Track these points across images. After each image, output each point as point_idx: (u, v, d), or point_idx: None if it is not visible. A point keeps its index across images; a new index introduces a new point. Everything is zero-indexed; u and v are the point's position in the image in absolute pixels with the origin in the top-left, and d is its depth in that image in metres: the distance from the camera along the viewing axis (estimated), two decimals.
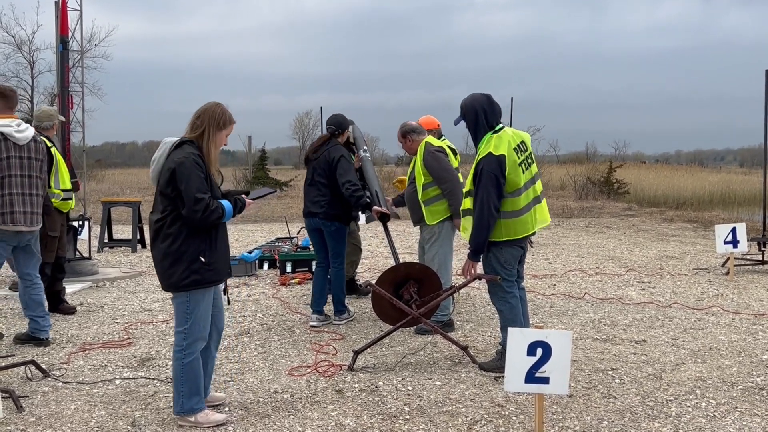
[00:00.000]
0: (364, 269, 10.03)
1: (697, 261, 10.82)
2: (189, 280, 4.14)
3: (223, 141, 4.31)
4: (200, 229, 4.15)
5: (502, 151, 5.14)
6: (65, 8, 9.96)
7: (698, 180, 27.07)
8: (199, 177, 4.11)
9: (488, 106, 5.30)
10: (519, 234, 5.24)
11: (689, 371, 5.37)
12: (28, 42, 35.65)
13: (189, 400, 4.28)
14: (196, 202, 4.04)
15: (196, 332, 4.26)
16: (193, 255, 4.14)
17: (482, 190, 5.13)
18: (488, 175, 5.11)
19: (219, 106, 4.29)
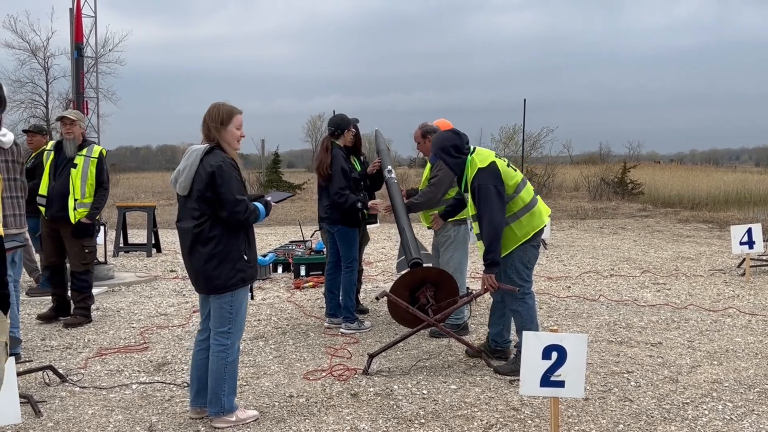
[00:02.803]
0: (377, 272, 10.04)
1: (712, 262, 10.75)
2: (236, 279, 4.26)
3: (235, 135, 4.35)
4: (240, 229, 4.29)
5: (490, 160, 5.33)
6: (80, 15, 10.05)
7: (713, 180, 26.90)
8: (237, 179, 4.25)
9: (457, 140, 5.46)
10: (538, 225, 5.39)
11: (705, 373, 5.34)
12: (42, 48, 35.88)
13: (230, 399, 4.39)
14: (237, 204, 4.17)
15: (239, 330, 4.40)
16: (237, 254, 4.26)
17: (485, 206, 5.21)
18: (486, 189, 5.22)
19: (215, 105, 4.32)
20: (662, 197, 22.89)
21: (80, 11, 10.08)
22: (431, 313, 5.66)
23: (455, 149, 5.43)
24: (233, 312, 4.34)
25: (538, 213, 5.42)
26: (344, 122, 6.86)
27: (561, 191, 25.68)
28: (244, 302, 4.39)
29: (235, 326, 4.37)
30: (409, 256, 6.02)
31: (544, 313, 7.37)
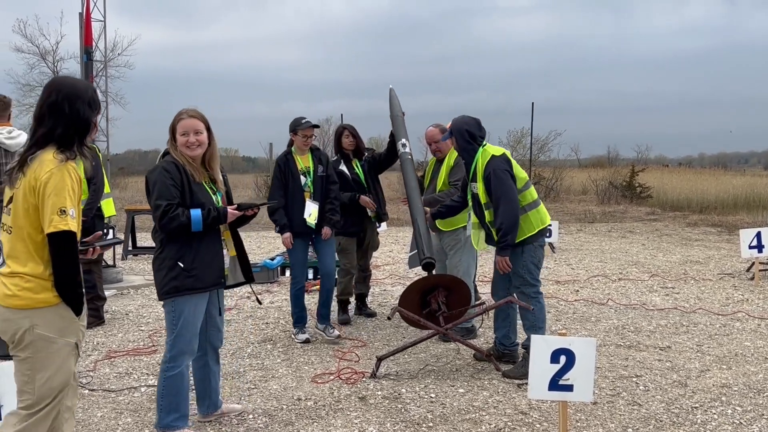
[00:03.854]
0: (385, 275, 10.04)
1: (721, 266, 10.71)
2: (169, 287, 4.06)
3: (180, 141, 4.09)
4: (173, 235, 4.05)
5: (503, 151, 5.51)
6: (89, 19, 10.10)
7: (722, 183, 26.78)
8: (165, 184, 4.02)
9: (477, 128, 5.59)
10: (545, 222, 5.52)
11: (714, 378, 5.32)
12: (52, 52, 35.92)
13: (167, 416, 4.16)
14: (156, 209, 4.01)
15: (180, 344, 4.13)
16: (171, 261, 4.07)
17: (502, 189, 5.31)
18: (501, 173, 5.34)
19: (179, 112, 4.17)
20: (671, 201, 22.78)
21: (89, 15, 10.14)
22: (442, 320, 5.64)
23: (470, 135, 5.53)
24: (176, 322, 4.11)
25: (544, 211, 5.55)
26: (292, 125, 6.34)
27: (569, 195, 25.61)
28: (184, 314, 4.10)
29: (178, 339, 4.12)
30: (421, 254, 5.88)
31: (552, 316, 7.35)
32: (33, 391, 3.06)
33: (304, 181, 6.26)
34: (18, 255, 3.01)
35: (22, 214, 3.00)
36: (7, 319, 3.02)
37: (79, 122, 3.07)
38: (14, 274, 3.00)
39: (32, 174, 2.99)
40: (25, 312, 2.99)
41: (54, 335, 3.04)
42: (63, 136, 3.03)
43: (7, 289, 3.00)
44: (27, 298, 2.99)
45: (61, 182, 2.96)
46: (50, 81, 3.20)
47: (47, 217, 2.95)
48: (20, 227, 3.01)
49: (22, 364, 3.07)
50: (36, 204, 2.98)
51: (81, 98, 3.08)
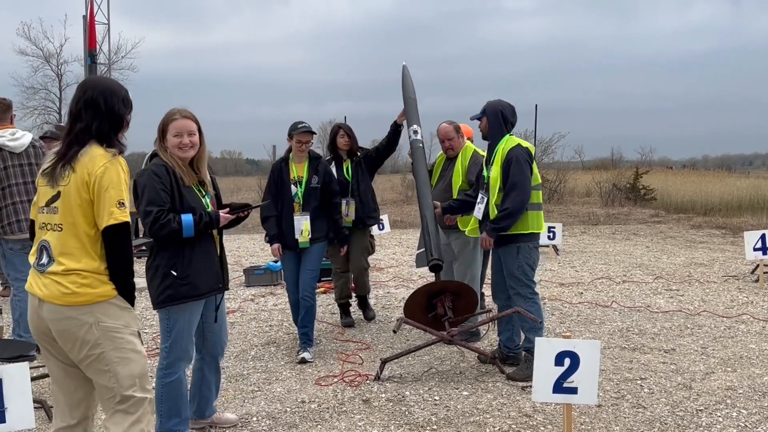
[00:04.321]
0: (388, 277, 10.03)
1: (726, 268, 10.69)
2: (163, 296, 3.99)
3: (172, 143, 3.98)
4: (165, 242, 3.97)
5: (528, 145, 5.49)
6: (93, 22, 10.13)
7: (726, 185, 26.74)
8: (155, 188, 3.90)
9: (511, 113, 5.58)
10: (541, 227, 5.53)
11: (719, 380, 5.30)
12: (56, 55, 36.13)
13: (168, 421, 4.13)
14: (146, 215, 3.90)
15: (176, 351, 4.07)
16: (164, 270, 3.99)
17: (520, 174, 5.33)
18: (522, 161, 5.35)
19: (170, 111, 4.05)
20: (675, 203, 22.73)
21: (93, 18, 10.17)
22: (448, 325, 5.60)
23: (503, 117, 5.53)
24: (169, 329, 4.05)
25: (542, 218, 5.56)
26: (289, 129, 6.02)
27: (573, 197, 25.56)
28: (179, 322, 4.04)
29: (173, 346, 4.06)
30: (429, 255, 5.69)
31: (556, 319, 7.34)
32: (118, 384, 3.09)
33: (294, 191, 5.91)
34: (72, 251, 3.02)
35: (76, 210, 3.01)
36: (68, 317, 3.01)
37: (114, 118, 3.12)
38: (70, 272, 3.00)
39: (84, 169, 3.00)
40: (87, 308, 3.01)
41: (119, 326, 3.08)
42: (100, 131, 3.07)
43: (65, 287, 3.00)
44: (87, 294, 3.01)
45: (116, 175, 3.02)
46: (85, 80, 3.29)
47: (106, 209, 2.99)
48: (73, 224, 3.02)
49: (98, 362, 3.07)
50: (89, 199, 3.00)
51: (116, 95, 3.14)
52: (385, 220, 14.30)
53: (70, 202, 3.02)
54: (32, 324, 3.16)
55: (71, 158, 3.03)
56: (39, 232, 3.15)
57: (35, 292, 3.08)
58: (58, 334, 3.06)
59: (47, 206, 3.09)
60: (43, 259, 3.08)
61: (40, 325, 3.12)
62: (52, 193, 3.08)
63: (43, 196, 3.12)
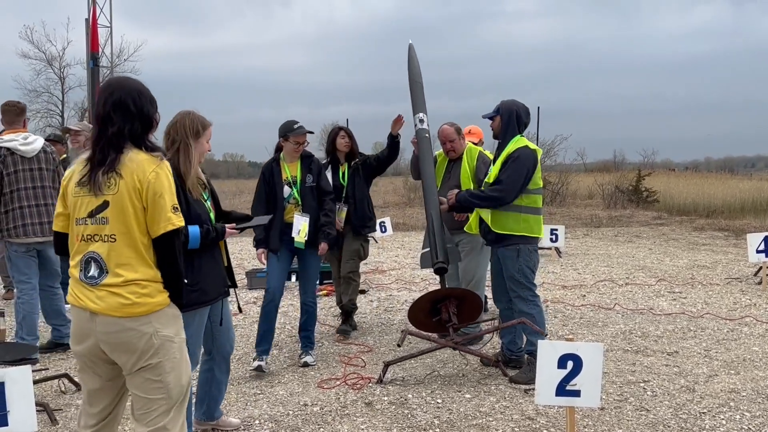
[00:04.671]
0: (390, 280, 10.03)
1: (728, 270, 10.67)
2: None
3: (205, 148, 4.00)
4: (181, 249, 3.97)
5: (536, 149, 5.49)
6: (95, 25, 10.15)
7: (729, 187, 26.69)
8: None
9: (526, 114, 5.59)
10: (540, 233, 5.54)
11: (722, 383, 5.29)
12: (58, 58, 36.32)
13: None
14: None
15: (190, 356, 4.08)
16: None
17: (514, 173, 5.31)
18: (523, 163, 5.34)
19: (189, 114, 3.98)
20: (677, 205, 22.68)
21: (96, 22, 10.18)
22: (451, 330, 5.56)
23: (517, 117, 5.50)
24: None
25: (541, 224, 5.56)
26: (282, 129, 5.78)
27: (575, 199, 25.54)
28: (190, 328, 3.88)
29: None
30: (434, 258, 5.56)
31: (558, 321, 7.33)
32: (167, 395, 3.03)
33: (288, 192, 5.70)
34: (128, 261, 2.92)
35: (130, 218, 2.91)
36: (128, 329, 2.92)
37: (144, 119, 3.03)
38: (129, 282, 2.91)
39: (133, 176, 2.91)
40: (146, 318, 2.94)
41: (172, 334, 3.03)
42: (133, 133, 2.98)
43: (125, 298, 2.91)
44: (147, 304, 2.94)
45: (167, 180, 2.96)
46: (108, 81, 3.15)
47: (163, 215, 2.92)
48: (127, 233, 2.92)
49: (151, 372, 2.99)
50: (142, 206, 2.92)
51: (143, 95, 3.05)
52: (387, 222, 14.30)
53: (123, 211, 2.91)
54: (77, 339, 3.03)
55: (113, 164, 2.91)
56: (82, 245, 2.98)
57: (86, 305, 2.95)
58: (113, 347, 2.96)
59: (91, 216, 2.95)
60: (92, 272, 2.95)
61: (88, 340, 2.99)
62: (96, 203, 2.94)
63: (83, 207, 2.97)
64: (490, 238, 5.57)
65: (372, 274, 10.61)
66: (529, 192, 5.42)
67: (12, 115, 6.00)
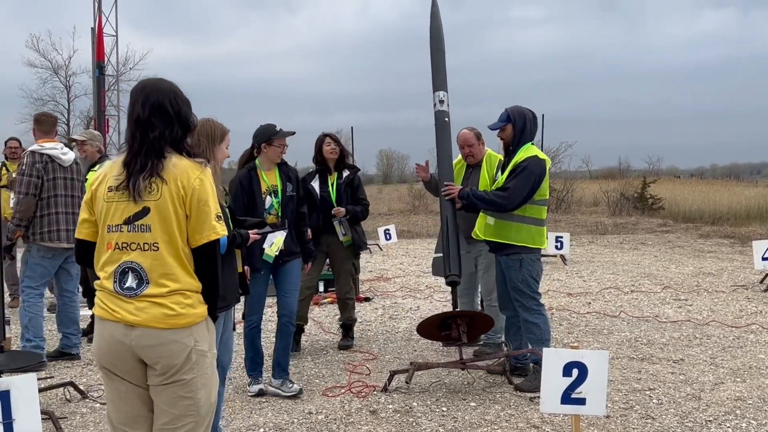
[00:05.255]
0: (396, 287, 10.02)
1: (734, 278, 10.64)
2: None
3: (225, 154, 4.03)
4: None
5: (546, 159, 5.46)
6: (101, 34, 10.19)
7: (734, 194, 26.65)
8: None
9: (535, 120, 5.57)
10: (543, 244, 5.53)
11: (729, 391, 5.27)
12: (64, 66, 36.41)
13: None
14: None
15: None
16: None
17: (520, 182, 5.26)
18: (532, 172, 5.30)
19: (208, 121, 3.97)
20: (683, 212, 22.64)
21: (101, 31, 10.23)
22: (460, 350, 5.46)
23: (529, 122, 5.45)
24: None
25: (545, 235, 5.56)
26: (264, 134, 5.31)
27: (580, 206, 25.52)
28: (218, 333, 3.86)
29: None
30: (447, 270, 5.33)
31: (564, 329, 7.32)
32: (197, 411, 2.87)
33: (270, 202, 5.25)
34: (172, 271, 2.78)
35: (173, 227, 2.77)
36: (172, 341, 2.77)
37: (183, 121, 2.90)
38: (174, 292, 2.77)
39: (177, 182, 2.77)
40: (188, 330, 2.80)
41: (207, 349, 2.89)
42: (174, 138, 2.86)
43: (169, 309, 2.76)
44: (191, 315, 2.80)
45: (211, 187, 2.86)
46: (144, 83, 2.98)
47: (207, 224, 2.81)
48: (170, 242, 2.78)
49: (184, 387, 2.83)
50: (185, 214, 2.79)
51: (179, 96, 2.91)
52: (392, 229, 14.30)
53: (166, 218, 2.77)
54: (109, 352, 2.83)
55: (156, 169, 2.77)
56: (115, 254, 2.80)
57: (123, 318, 2.76)
58: (152, 361, 2.79)
59: (128, 224, 2.78)
60: (129, 282, 2.77)
61: (123, 354, 2.80)
62: (135, 209, 2.78)
63: (118, 213, 2.80)
64: (492, 245, 5.57)
65: (377, 281, 10.60)
66: (534, 202, 5.37)
67: (49, 126, 6.26)
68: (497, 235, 5.42)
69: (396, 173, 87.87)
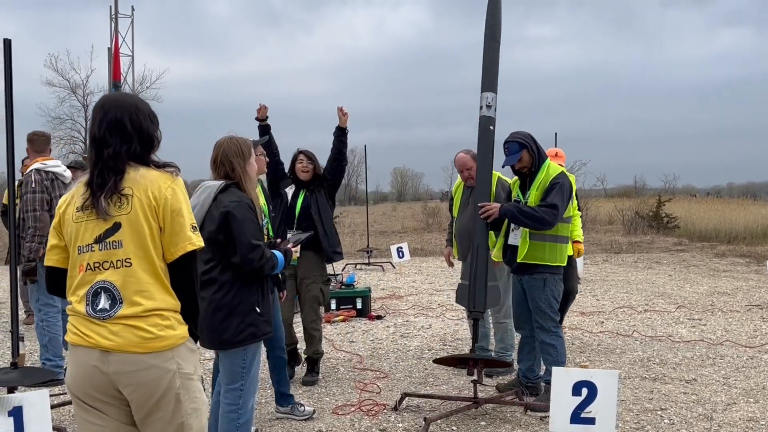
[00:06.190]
0: (408, 306, 10.02)
1: (749, 297, 10.56)
2: (245, 334, 3.78)
3: (256, 168, 4.04)
4: (255, 277, 3.84)
5: (572, 177, 5.51)
6: (118, 54, 10.34)
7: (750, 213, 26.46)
8: (254, 222, 3.80)
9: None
10: (565, 261, 5.49)
11: (741, 411, 5.23)
12: (82, 85, 36.82)
13: None
14: (253, 249, 3.70)
15: (252, 389, 3.96)
16: (248, 306, 3.80)
17: (557, 198, 5.23)
18: (567, 189, 5.33)
19: (231, 139, 3.96)
20: (698, 231, 22.52)
21: (118, 51, 10.38)
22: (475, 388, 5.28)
23: (537, 141, 5.43)
24: (246, 367, 3.88)
25: (566, 251, 5.51)
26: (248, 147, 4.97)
27: (595, 225, 25.44)
28: (257, 357, 3.95)
29: (248, 383, 3.92)
30: (471, 303, 5.11)
31: (576, 348, 7.29)
32: None
33: (264, 221, 5.01)
34: (146, 288, 2.60)
35: (146, 240, 2.61)
36: (151, 366, 2.57)
37: (144, 137, 2.73)
38: (149, 312, 2.58)
39: (147, 193, 2.62)
40: (168, 353, 2.60)
41: (192, 371, 2.69)
42: (132, 154, 2.68)
43: (145, 332, 2.56)
44: (170, 337, 2.60)
45: (183, 196, 2.69)
46: (103, 99, 2.81)
47: (183, 234, 2.63)
48: (143, 257, 2.60)
49: (173, 415, 2.64)
50: (159, 226, 2.63)
51: (141, 111, 2.74)
52: (404, 248, 14.32)
53: (139, 232, 2.60)
54: (84, 382, 2.61)
55: (116, 186, 2.61)
56: (88, 275, 2.62)
57: (96, 343, 2.56)
58: (132, 389, 2.58)
59: (98, 242, 2.61)
60: (102, 304, 2.58)
61: (99, 382, 2.59)
62: (105, 226, 2.61)
63: (88, 232, 2.63)
64: (516, 267, 5.49)
65: (389, 299, 10.61)
66: (563, 220, 5.38)
67: (42, 144, 6.25)
68: (530, 257, 5.35)
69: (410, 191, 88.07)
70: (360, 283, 11.42)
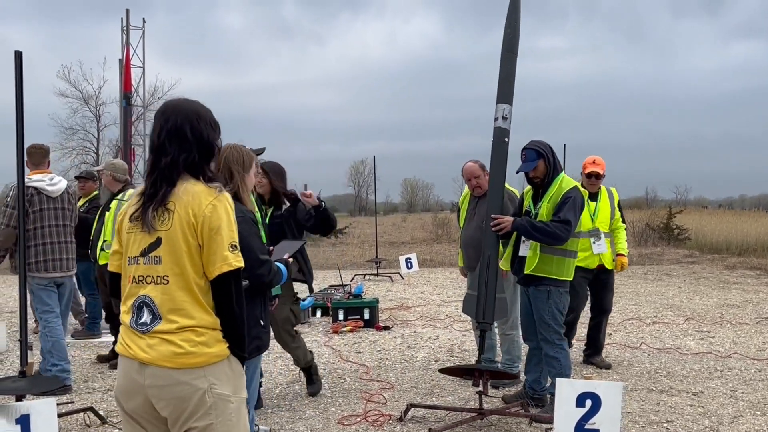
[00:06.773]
0: (416, 317, 10.02)
1: (759, 309, 10.51)
2: (252, 347, 3.67)
3: (252, 181, 3.99)
4: (259, 292, 3.80)
5: (584, 192, 5.50)
6: (129, 66, 10.44)
7: (762, 225, 26.29)
8: (258, 237, 3.76)
9: None
10: (571, 276, 5.48)
11: (748, 424, 5.21)
12: (94, 96, 37.09)
13: None
14: (262, 265, 3.60)
15: (251, 403, 3.99)
16: (253, 320, 3.73)
17: (570, 213, 5.24)
18: (580, 203, 5.34)
19: (235, 146, 3.92)
20: (709, 243, 22.40)
21: (129, 62, 10.48)
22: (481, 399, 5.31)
23: (554, 152, 5.44)
24: (248, 379, 3.73)
25: (573, 266, 5.49)
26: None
27: None
28: (257, 370, 3.95)
29: (252, 394, 3.96)
30: (479, 314, 5.12)
31: (583, 360, 7.27)
32: None
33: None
34: (183, 306, 2.57)
35: (183, 257, 2.58)
36: (180, 382, 2.54)
37: (204, 146, 2.69)
38: (184, 329, 2.55)
39: (187, 209, 2.58)
40: (200, 371, 2.56)
41: (230, 393, 2.63)
42: (189, 163, 2.64)
43: (177, 346, 2.54)
44: (203, 354, 2.56)
45: (225, 214, 2.61)
46: (164, 106, 2.78)
47: (219, 254, 2.57)
48: (181, 274, 2.58)
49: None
50: (197, 244, 2.58)
51: (203, 119, 2.70)
52: (413, 258, 14.34)
53: (177, 249, 2.57)
54: (126, 395, 2.64)
55: (164, 198, 2.59)
56: (133, 287, 2.64)
57: (136, 355, 2.58)
58: (164, 403, 2.57)
59: (144, 255, 2.62)
60: (144, 317, 2.60)
61: (137, 394, 2.61)
62: (149, 240, 2.61)
63: (137, 244, 2.64)
64: (522, 278, 5.51)
65: (397, 310, 10.62)
66: (573, 234, 5.38)
67: (39, 157, 6.36)
68: (538, 269, 5.36)
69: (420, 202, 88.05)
70: (368, 294, 11.44)
